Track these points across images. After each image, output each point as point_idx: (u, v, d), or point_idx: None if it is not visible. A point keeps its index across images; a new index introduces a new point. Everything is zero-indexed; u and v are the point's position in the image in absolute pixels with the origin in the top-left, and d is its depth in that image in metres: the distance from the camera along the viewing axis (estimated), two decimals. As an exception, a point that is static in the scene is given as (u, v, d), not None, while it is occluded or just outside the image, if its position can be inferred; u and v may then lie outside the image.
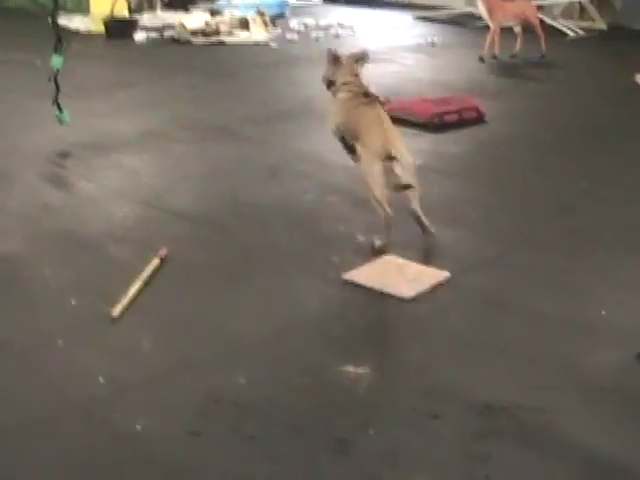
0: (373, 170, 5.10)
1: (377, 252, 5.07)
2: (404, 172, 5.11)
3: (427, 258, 5.03)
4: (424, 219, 5.25)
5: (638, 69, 10.39)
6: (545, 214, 5.85)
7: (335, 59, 5.58)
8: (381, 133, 5.18)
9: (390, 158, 5.06)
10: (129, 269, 4.74)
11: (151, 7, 15.32)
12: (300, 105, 8.61)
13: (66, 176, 6.52)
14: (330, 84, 5.64)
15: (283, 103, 8.79)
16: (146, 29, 13.25)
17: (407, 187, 5.13)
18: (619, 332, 4.28)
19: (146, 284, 4.60)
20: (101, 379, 3.74)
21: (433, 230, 5.26)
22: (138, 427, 3.42)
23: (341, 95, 5.51)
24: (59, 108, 7.15)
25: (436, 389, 3.75)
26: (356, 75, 5.55)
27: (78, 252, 5.11)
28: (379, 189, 5.09)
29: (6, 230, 5.44)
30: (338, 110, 5.49)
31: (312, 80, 9.88)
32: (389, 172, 5.08)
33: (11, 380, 3.78)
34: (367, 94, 5.46)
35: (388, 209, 5.10)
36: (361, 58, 5.64)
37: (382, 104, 5.50)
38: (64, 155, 6.90)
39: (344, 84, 5.51)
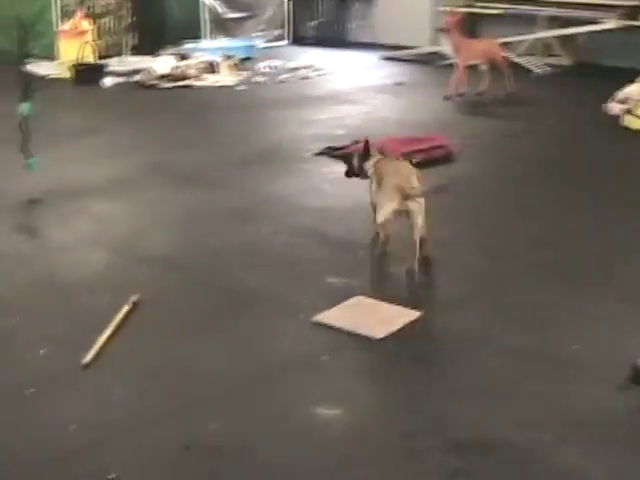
0: (385, 202, 5.35)
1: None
2: (417, 212, 5.35)
3: (398, 298, 5.03)
4: (417, 253, 5.36)
5: (603, 102, 10.52)
6: (516, 250, 5.89)
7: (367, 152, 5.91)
8: (399, 175, 5.45)
9: (405, 196, 5.29)
10: (101, 315, 4.73)
11: (119, 52, 15.35)
12: (269, 148, 8.64)
13: (36, 224, 6.51)
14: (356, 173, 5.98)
15: (252, 146, 8.80)
16: (114, 74, 13.27)
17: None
18: (592, 366, 4.32)
19: (118, 330, 4.59)
20: (73, 427, 3.73)
21: (415, 268, 5.35)
22: (112, 475, 3.40)
23: (371, 163, 5.82)
24: (29, 155, 7.13)
25: (410, 429, 3.76)
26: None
27: (50, 300, 5.09)
28: (383, 217, 5.34)
29: (-24, 280, 5.42)
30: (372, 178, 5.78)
31: (281, 123, 9.97)
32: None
33: (-17, 432, 3.76)
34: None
35: (385, 234, 5.40)
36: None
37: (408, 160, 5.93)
38: (34, 202, 6.88)
39: (375, 158, 5.83)
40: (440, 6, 14.41)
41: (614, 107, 10.13)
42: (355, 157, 5.96)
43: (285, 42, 16.91)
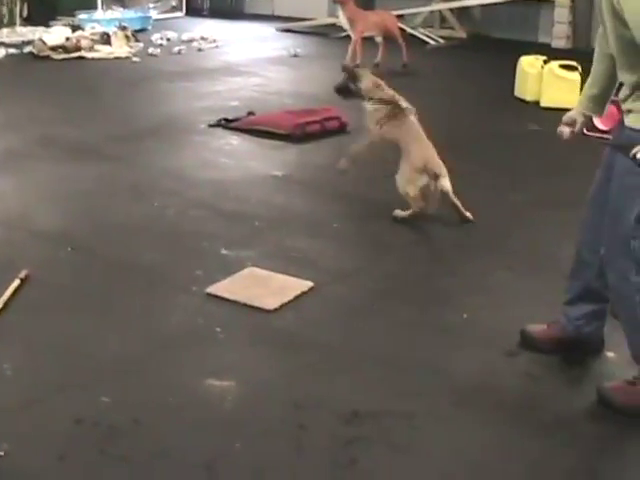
0: (415, 180, 5.69)
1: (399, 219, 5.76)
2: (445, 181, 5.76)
3: (291, 269, 5.04)
4: (460, 207, 5.80)
5: (497, 74, 10.67)
6: (407, 220, 5.92)
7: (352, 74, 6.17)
8: (424, 150, 5.79)
9: (435, 176, 5.68)
10: (-11, 292, 4.66)
11: (10, 22, 15.02)
12: (163, 121, 8.55)
13: None
14: (348, 93, 6.20)
15: (146, 120, 8.70)
16: (5, 45, 13.00)
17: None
18: (481, 334, 4.38)
19: (6, 307, 4.52)
20: (-40, 405, 3.67)
21: (469, 215, 5.77)
22: (0, 453, 3.36)
23: (370, 107, 6.04)
24: None
25: (303, 399, 3.78)
26: (379, 85, 6.13)
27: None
28: (415, 191, 5.69)
29: None
30: (372, 121, 6.02)
31: (175, 95, 9.89)
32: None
33: None
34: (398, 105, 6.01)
35: (422, 204, 5.71)
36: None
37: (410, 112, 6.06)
38: None
39: (370, 96, 6.07)
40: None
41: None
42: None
43: (180, 13, 16.77)
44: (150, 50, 12.76)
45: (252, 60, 12.16)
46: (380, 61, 11.67)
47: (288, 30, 15.05)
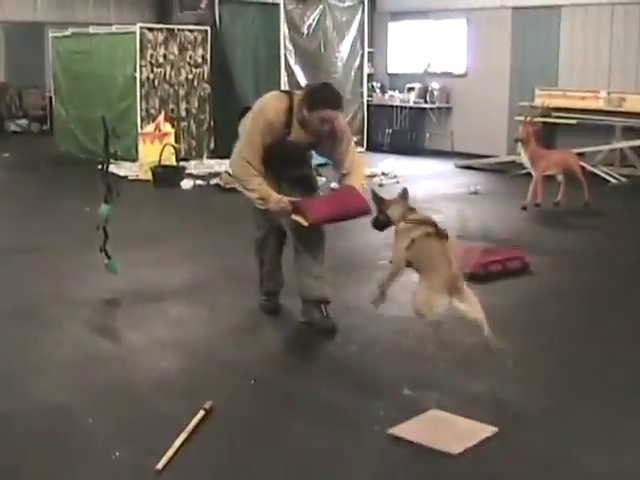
0: (432, 301, 5.23)
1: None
2: (471, 308, 5.26)
3: (475, 412, 4.96)
4: (492, 341, 5.26)
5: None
6: (593, 366, 5.79)
7: (379, 200, 5.94)
8: (447, 272, 5.29)
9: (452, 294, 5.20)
10: (174, 421, 4.74)
11: (198, 155, 15.64)
12: (343, 255, 8.64)
13: (113, 325, 6.58)
14: (382, 224, 5.90)
15: (330, 255, 8.81)
16: (193, 176, 13.50)
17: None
18: None
19: (191, 436, 4.58)
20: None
21: (502, 346, 5.29)
22: None
23: (402, 225, 5.72)
24: (108, 256, 7.25)
25: None
26: (412, 208, 5.83)
27: (124, 403, 5.10)
28: (432, 315, 5.25)
29: (54, 380, 5.46)
30: (401, 239, 5.65)
31: (355, 230, 9.97)
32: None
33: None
34: (432, 223, 5.68)
35: (434, 318, 5.28)
36: (404, 196, 5.97)
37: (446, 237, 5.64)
38: (112, 304, 6.97)
39: (403, 217, 5.75)
40: (516, 116, 14.54)
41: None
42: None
43: (361, 149, 17.11)
44: (332, 185, 12.99)
45: (432, 196, 12.25)
46: (561, 199, 11.63)
47: (467, 167, 15.16)
